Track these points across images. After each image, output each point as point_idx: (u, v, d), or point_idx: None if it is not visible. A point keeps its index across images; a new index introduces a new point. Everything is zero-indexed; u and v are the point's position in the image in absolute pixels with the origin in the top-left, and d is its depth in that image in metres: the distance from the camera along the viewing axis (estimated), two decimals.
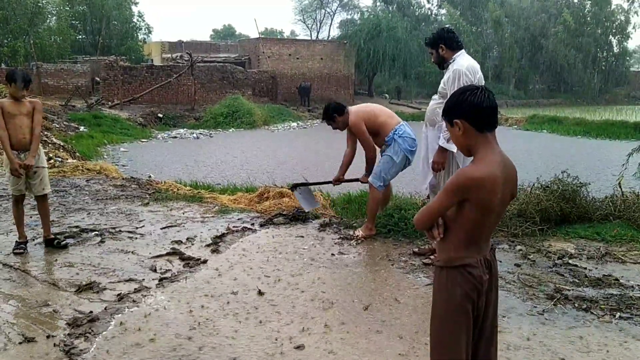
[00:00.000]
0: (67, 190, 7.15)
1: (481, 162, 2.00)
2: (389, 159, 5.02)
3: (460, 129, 2.01)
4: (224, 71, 28.85)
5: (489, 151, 2.01)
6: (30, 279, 4.07)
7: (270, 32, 67.50)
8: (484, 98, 1.99)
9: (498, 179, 1.97)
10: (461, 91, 2.05)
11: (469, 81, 4.20)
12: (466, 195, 1.97)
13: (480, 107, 1.99)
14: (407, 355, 2.99)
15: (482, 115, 2.00)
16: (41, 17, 33.39)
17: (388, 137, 5.05)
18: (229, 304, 3.64)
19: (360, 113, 5.12)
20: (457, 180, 2.00)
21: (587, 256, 4.64)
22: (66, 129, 15.59)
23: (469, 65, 4.28)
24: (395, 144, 5.01)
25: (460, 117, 2.00)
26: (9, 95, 4.59)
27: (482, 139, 2.01)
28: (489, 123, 2.01)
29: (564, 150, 15.97)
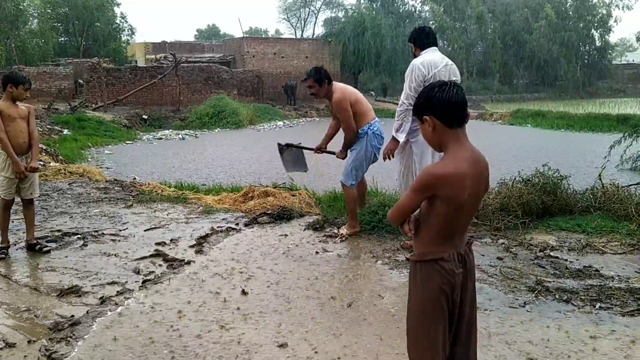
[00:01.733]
0: (50, 194, 7.09)
1: (449, 158, 2.02)
2: (358, 156, 5.02)
3: (430, 125, 2.02)
4: (209, 71, 28.71)
5: (458, 147, 2.03)
6: (11, 283, 4.04)
7: (254, 32, 67.33)
8: (452, 94, 2.00)
9: (466, 174, 1.99)
10: (430, 87, 2.07)
11: (421, 75, 4.28)
12: (433, 191, 2.00)
13: (449, 103, 2.00)
14: (390, 351, 3.01)
15: (451, 111, 2.01)
16: (22, 20, 33.02)
17: (362, 129, 5.02)
18: (213, 304, 3.63)
19: (347, 93, 5.03)
20: (422, 177, 2.04)
21: (568, 248, 4.70)
22: (49, 132, 15.42)
23: (424, 60, 4.34)
24: (367, 139, 5.00)
25: (430, 113, 2.02)
26: (5, 98, 4.55)
27: (451, 134, 2.03)
28: (458, 119, 2.02)
29: (547, 144, 16.11)
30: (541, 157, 11.73)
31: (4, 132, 4.44)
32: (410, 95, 4.40)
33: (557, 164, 6.19)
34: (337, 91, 5.01)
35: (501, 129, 21.98)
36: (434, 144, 2.10)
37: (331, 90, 5.02)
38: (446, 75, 4.25)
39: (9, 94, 4.52)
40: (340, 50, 35.26)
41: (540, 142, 16.92)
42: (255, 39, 38.12)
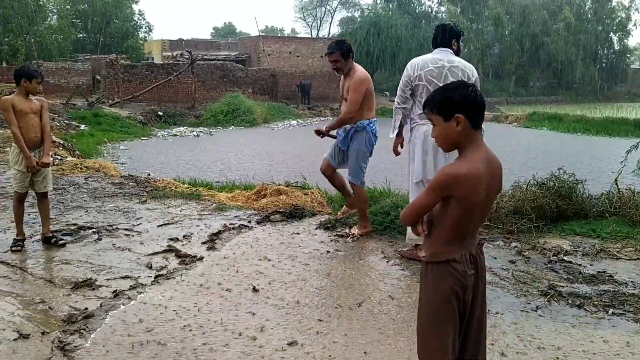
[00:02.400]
0: (66, 188, 7.17)
1: (466, 159, 2.02)
2: (360, 153, 4.99)
3: (460, 124, 2.01)
4: (224, 69, 28.88)
5: (474, 148, 2.04)
6: (27, 276, 4.09)
7: (270, 30, 67.48)
8: (479, 95, 2.03)
9: (482, 175, 1.99)
10: (457, 86, 2.06)
11: (406, 75, 4.33)
12: (450, 192, 1.99)
13: (480, 104, 2.03)
14: (401, 352, 3.01)
15: (480, 113, 2.03)
16: (42, 16, 33.45)
17: (362, 122, 4.96)
18: (224, 300, 3.66)
19: (368, 76, 4.97)
20: (440, 177, 2.03)
21: (582, 253, 4.66)
22: (67, 127, 15.63)
23: (413, 61, 4.38)
24: (367, 136, 4.96)
25: (462, 112, 2.01)
26: (18, 93, 4.60)
27: (472, 136, 2.03)
28: (481, 120, 2.04)
29: (563, 148, 15.97)
30: (557, 160, 11.63)
31: (16, 126, 4.49)
32: (399, 94, 4.44)
33: (572, 167, 6.14)
34: (359, 70, 4.92)
35: (516, 132, 21.83)
36: (450, 142, 2.07)
37: (353, 67, 4.93)
38: (439, 77, 4.19)
39: (23, 88, 4.57)
40: (355, 50, 35.20)
41: (556, 145, 16.78)
42: (271, 37, 38.24)
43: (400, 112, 4.48)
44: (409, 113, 4.47)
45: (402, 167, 5.27)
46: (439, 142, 2.12)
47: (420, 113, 4.34)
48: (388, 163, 7.71)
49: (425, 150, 4.28)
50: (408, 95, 4.38)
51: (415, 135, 4.37)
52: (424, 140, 4.27)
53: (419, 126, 4.35)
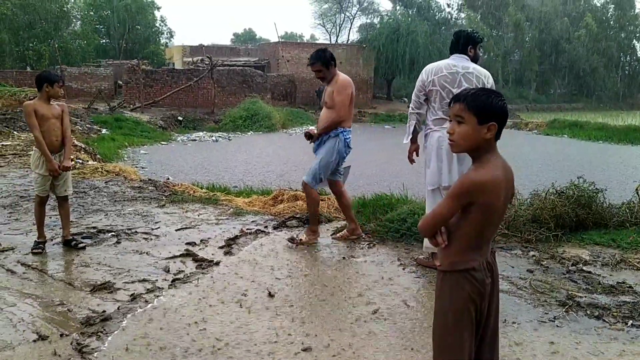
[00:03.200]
0: (86, 192, 7.28)
1: (485, 165, 2.02)
2: (327, 157, 4.90)
3: (491, 132, 2.01)
4: (244, 75, 29.07)
5: (492, 155, 2.05)
6: (47, 278, 4.17)
7: (290, 36, 67.82)
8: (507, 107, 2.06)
9: (501, 181, 2.01)
10: (499, 95, 2.05)
11: (420, 80, 4.37)
12: (472, 199, 1.99)
13: (507, 116, 2.06)
14: None
15: (505, 123, 2.05)
16: (66, 22, 34.11)
17: (337, 130, 4.89)
18: (240, 305, 3.68)
19: (351, 87, 4.93)
20: (462, 184, 2.02)
21: (602, 263, 4.59)
22: (89, 131, 15.86)
23: (428, 66, 4.43)
24: (339, 143, 4.89)
25: (497, 121, 2.01)
26: (41, 97, 4.69)
27: (494, 144, 2.05)
28: (501, 132, 2.06)
29: (584, 156, 15.75)
30: (576, 168, 11.48)
31: (39, 130, 4.59)
32: (413, 100, 4.47)
33: (593, 176, 6.06)
34: (342, 76, 4.92)
35: (537, 139, 21.60)
36: (470, 145, 2.05)
37: (336, 74, 4.93)
38: (452, 82, 4.20)
39: (46, 93, 4.66)
40: (374, 56, 35.21)
41: (577, 153, 16.56)
42: (290, 43, 38.41)
43: (415, 118, 4.48)
44: (423, 119, 4.47)
45: (419, 173, 5.25)
46: (457, 141, 2.06)
47: (434, 119, 4.34)
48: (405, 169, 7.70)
49: (439, 157, 4.27)
50: (422, 100, 4.39)
51: (429, 142, 4.36)
52: (438, 147, 4.27)
53: (433, 132, 4.34)
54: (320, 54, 4.91)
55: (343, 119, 4.87)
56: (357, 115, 30.61)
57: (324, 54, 4.90)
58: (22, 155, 9.89)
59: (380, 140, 20.19)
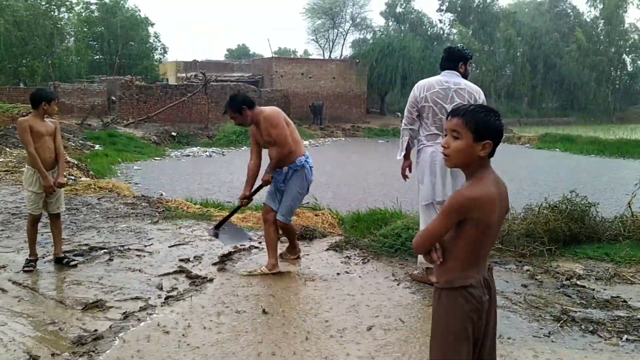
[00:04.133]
0: (79, 208, 7.24)
1: (478, 181, 2.03)
2: (298, 194, 4.68)
3: (485, 150, 2.01)
4: (237, 90, 29.17)
5: (485, 171, 2.05)
6: (38, 296, 4.12)
7: (283, 52, 68.21)
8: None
9: (495, 196, 2.01)
10: (497, 115, 2.05)
11: (413, 97, 4.39)
12: (466, 215, 1.99)
13: (502, 135, 2.05)
14: None
15: (499, 142, 2.05)
16: (59, 38, 34.12)
17: (299, 161, 4.63)
18: (234, 323, 3.65)
19: (281, 114, 4.58)
20: (455, 200, 2.02)
21: (596, 277, 4.59)
22: (82, 147, 15.81)
23: (419, 82, 4.46)
24: (304, 173, 4.66)
25: (492, 140, 2.02)
26: (35, 115, 4.67)
27: (487, 161, 2.06)
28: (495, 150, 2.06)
29: (576, 169, 15.84)
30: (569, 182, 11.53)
31: (33, 147, 4.57)
32: (406, 115, 4.49)
33: (585, 190, 6.09)
34: (265, 110, 4.55)
35: (529, 153, 21.72)
36: (463, 161, 2.05)
37: (257, 114, 4.54)
38: (445, 98, 4.24)
39: (42, 110, 4.65)
40: (367, 71, 35.45)
41: (569, 167, 16.66)
42: (283, 59, 38.60)
43: (408, 134, 4.50)
44: (416, 134, 4.49)
45: (413, 188, 5.26)
46: (451, 156, 2.05)
47: (427, 134, 4.36)
48: (398, 184, 7.71)
49: (433, 172, 4.28)
50: (415, 116, 4.42)
51: (422, 157, 4.38)
52: (431, 162, 4.29)
53: (426, 148, 4.36)
54: (229, 102, 4.54)
55: (292, 149, 4.55)
56: (351, 130, 30.75)
57: (233, 100, 4.52)
58: (14, 172, 9.84)
59: (374, 154, 20.23)
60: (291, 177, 4.68)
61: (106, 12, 38.64)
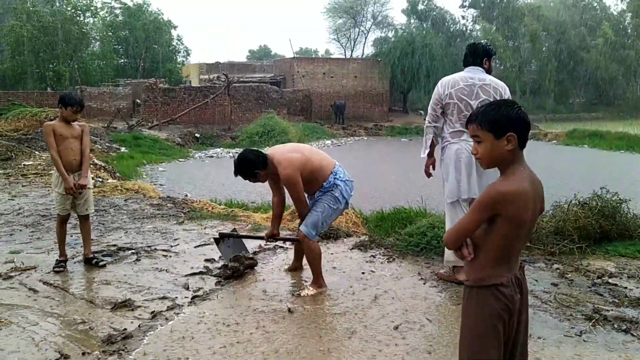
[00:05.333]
0: (107, 210, 7.35)
1: (512, 176, 1.99)
2: (331, 208, 4.22)
3: (511, 142, 1.98)
4: (260, 91, 29.32)
5: (519, 166, 2.01)
6: (68, 296, 4.19)
7: (305, 52, 68.31)
8: (527, 116, 2.01)
9: (529, 193, 1.97)
10: (511, 105, 2.03)
11: (437, 94, 4.33)
12: (498, 210, 1.95)
13: (528, 124, 2.01)
14: None
15: (527, 132, 2.02)
16: (85, 43, 34.75)
17: (328, 182, 4.22)
18: (260, 321, 3.66)
19: (295, 160, 4.10)
20: (487, 195, 1.98)
21: (628, 275, 4.48)
22: (108, 150, 16.08)
23: (444, 79, 4.38)
24: (337, 190, 4.22)
25: (514, 130, 1.98)
26: (60, 118, 4.77)
27: (519, 154, 2.02)
28: (526, 140, 2.03)
29: (605, 166, 15.51)
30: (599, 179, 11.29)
31: (56, 150, 4.65)
32: (430, 113, 4.43)
33: (615, 186, 5.94)
34: (280, 166, 4.09)
35: (556, 150, 21.36)
36: (495, 161, 2.04)
37: (273, 167, 4.15)
38: (470, 95, 4.18)
39: (61, 114, 4.75)
40: (389, 69, 35.26)
41: (598, 163, 16.33)
42: (305, 59, 38.68)
43: (432, 131, 4.45)
44: (440, 132, 4.44)
45: (438, 186, 5.21)
46: (483, 159, 2.06)
47: (452, 131, 4.31)
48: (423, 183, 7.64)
49: (458, 169, 4.23)
50: (439, 113, 4.37)
51: (447, 155, 4.33)
52: (456, 159, 4.23)
53: (451, 145, 4.31)
54: (240, 167, 4.19)
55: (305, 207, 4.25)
56: (374, 129, 30.64)
57: (241, 165, 4.17)
58: (43, 175, 10.04)
59: (398, 153, 20.12)
60: (322, 195, 4.27)
61: (130, 16, 39.21)
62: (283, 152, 4.22)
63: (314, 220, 4.17)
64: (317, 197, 4.26)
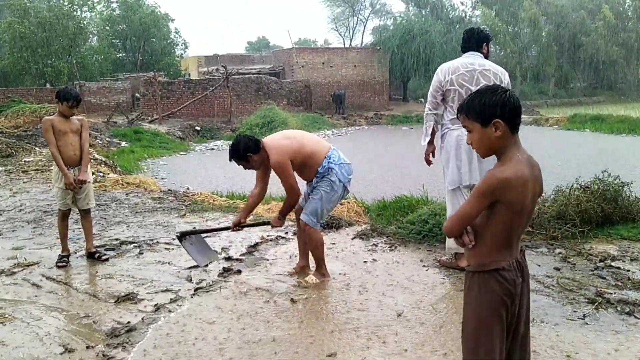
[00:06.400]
0: (108, 204, 7.36)
1: (509, 162, 1.98)
2: (328, 194, 4.12)
3: (499, 129, 1.97)
4: (259, 82, 29.23)
5: (516, 151, 2.00)
6: (72, 291, 4.20)
7: (303, 42, 68.02)
8: (515, 99, 1.98)
9: (527, 177, 1.96)
10: (493, 91, 2.01)
11: (437, 80, 4.27)
12: (498, 196, 1.94)
13: (517, 108, 1.98)
14: None
15: (518, 116, 1.99)
16: (83, 38, 34.57)
17: (322, 167, 4.13)
18: (262, 312, 3.66)
19: (286, 147, 4.07)
20: (487, 182, 1.97)
21: (631, 258, 4.48)
22: (108, 144, 16.07)
23: (443, 65, 4.33)
24: (333, 174, 4.12)
25: (500, 117, 1.97)
26: (58, 113, 4.76)
27: (512, 139, 2.00)
28: (519, 124, 2.00)
29: (607, 149, 15.47)
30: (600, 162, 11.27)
31: (55, 145, 4.64)
32: (430, 100, 4.38)
33: (617, 169, 5.92)
34: (272, 151, 4.05)
35: (557, 134, 21.30)
36: (489, 148, 2.03)
37: (265, 153, 4.09)
38: (470, 80, 4.14)
39: (59, 109, 4.74)
40: (388, 58, 35.10)
41: (600, 147, 16.28)
42: (304, 49, 38.49)
43: (432, 119, 4.41)
44: (440, 119, 4.41)
45: (438, 174, 5.19)
46: (477, 149, 2.07)
47: (452, 118, 4.28)
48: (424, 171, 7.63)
49: (458, 155, 4.21)
50: (439, 100, 4.33)
51: (448, 141, 4.31)
52: (456, 146, 4.21)
53: (451, 131, 4.28)
54: (231, 151, 4.13)
55: (297, 194, 4.18)
56: (374, 118, 30.56)
57: (235, 149, 4.10)
58: (44, 171, 10.05)
59: (398, 142, 20.08)
60: (318, 182, 4.19)
61: (127, 10, 38.96)
62: (274, 139, 4.20)
63: (313, 208, 4.11)
64: (314, 185, 4.20)
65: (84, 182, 4.80)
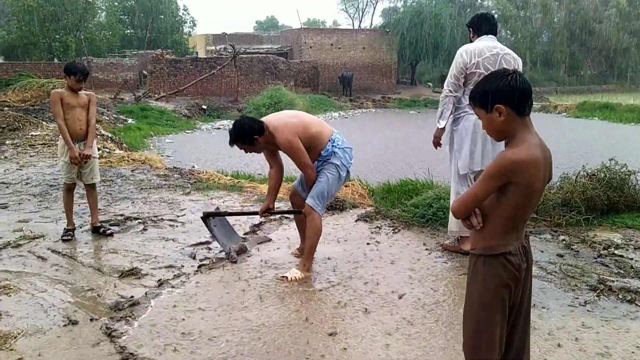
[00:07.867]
0: (114, 180, 7.38)
1: (522, 144, 1.95)
2: (335, 177, 4.02)
3: (502, 114, 1.95)
4: (267, 62, 29.06)
5: (528, 134, 1.98)
6: (76, 264, 4.24)
7: (312, 23, 67.47)
8: (521, 81, 1.95)
9: (540, 160, 1.94)
10: (497, 75, 1.99)
11: (462, 62, 4.14)
12: (510, 178, 1.93)
13: (522, 90, 1.95)
14: (445, 348, 2.97)
15: (523, 99, 1.96)
16: (91, 13, 34.46)
17: (326, 150, 4.01)
18: (264, 291, 3.69)
19: (291, 125, 3.93)
20: (499, 163, 1.95)
21: (635, 247, 4.47)
22: (115, 121, 16.07)
23: (468, 48, 4.19)
24: (336, 158, 4.02)
25: (502, 102, 1.95)
26: (67, 87, 4.76)
27: (521, 122, 1.98)
28: (528, 106, 1.98)
29: (615, 138, 15.36)
30: (608, 151, 11.20)
31: (62, 118, 4.66)
32: (451, 82, 4.25)
33: (624, 158, 5.89)
34: (277, 131, 3.89)
35: (566, 122, 21.15)
36: (499, 133, 2.02)
37: (270, 134, 3.92)
38: (494, 64, 4.07)
39: (67, 83, 4.74)
40: (397, 41, 34.77)
41: (608, 135, 16.17)
42: (312, 30, 38.20)
43: (452, 101, 4.27)
44: (457, 102, 4.33)
45: (444, 159, 5.17)
46: (490, 134, 2.07)
47: None
48: (430, 155, 7.60)
49: (474, 140, 4.17)
50: (462, 83, 4.22)
51: (464, 125, 4.24)
52: (473, 131, 4.16)
53: (469, 115, 4.21)
54: (232, 134, 3.95)
55: (313, 170, 4.03)
56: (381, 101, 30.39)
57: (238, 131, 3.92)
58: (50, 145, 10.08)
59: (405, 125, 19.98)
60: (323, 165, 4.08)
61: None
62: (280, 118, 4.03)
63: (319, 191, 3.98)
64: (318, 168, 4.07)
65: (89, 156, 4.82)
